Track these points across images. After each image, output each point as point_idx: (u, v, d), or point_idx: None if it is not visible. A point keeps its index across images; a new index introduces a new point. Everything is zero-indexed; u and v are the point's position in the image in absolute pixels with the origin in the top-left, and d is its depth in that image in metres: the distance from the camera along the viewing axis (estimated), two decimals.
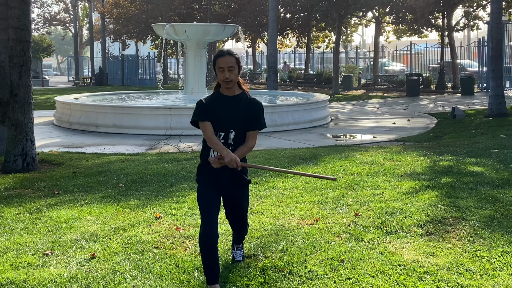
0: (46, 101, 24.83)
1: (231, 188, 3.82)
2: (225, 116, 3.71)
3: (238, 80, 3.76)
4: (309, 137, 13.00)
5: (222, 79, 3.68)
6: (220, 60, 3.66)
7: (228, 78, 3.66)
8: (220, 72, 3.67)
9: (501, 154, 8.43)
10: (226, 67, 3.64)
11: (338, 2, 28.72)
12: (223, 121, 3.71)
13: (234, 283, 3.83)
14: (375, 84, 32.94)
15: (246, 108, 3.75)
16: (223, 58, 3.66)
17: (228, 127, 3.72)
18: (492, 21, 16.36)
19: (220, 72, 3.67)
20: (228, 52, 3.70)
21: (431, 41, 40.56)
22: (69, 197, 6.37)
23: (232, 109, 3.73)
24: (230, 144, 3.73)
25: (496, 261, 4.09)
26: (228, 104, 3.74)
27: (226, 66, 3.64)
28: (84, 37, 64.05)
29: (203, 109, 3.73)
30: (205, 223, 3.64)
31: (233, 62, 3.66)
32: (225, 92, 3.76)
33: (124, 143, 12.31)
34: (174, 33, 17.37)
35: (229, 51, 3.72)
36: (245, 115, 3.74)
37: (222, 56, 3.66)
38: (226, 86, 3.71)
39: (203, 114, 3.72)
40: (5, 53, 8.71)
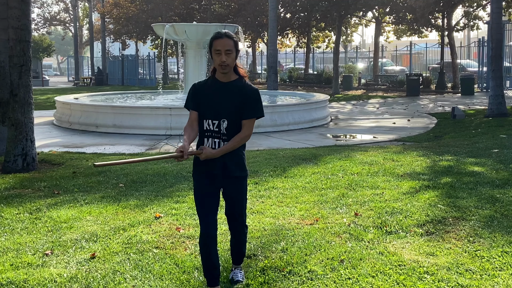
0: (46, 101, 24.83)
1: (225, 180, 3.58)
2: (217, 104, 3.48)
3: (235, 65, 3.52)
4: (309, 137, 13.00)
5: (219, 63, 3.43)
6: (217, 42, 3.41)
7: (224, 62, 3.41)
8: (216, 55, 3.43)
9: (501, 154, 8.43)
10: (224, 50, 3.39)
11: (338, 2, 28.72)
12: (214, 110, 3.48)
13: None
14: (375, 84, 32.94)
15: (239, 95, 3.49)
16: (220, 40, 3.40)
17: (220, 116, 3.48)
18: (492, 21, 16.35)
19: (216, 55, 3.42)
20: (226, 34, 3.43)
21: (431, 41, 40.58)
22: (69, 197, 6.37)
23: (225, 96, 3.48)
24: (223, 134, 3.49)
25: (496, 261, 4.09)
26: (221, 91, 3.50)
27: (223, 49, 3.39)
28: (84, 37, 64.05)
29: (192, 96, 3.57)
30: (204, 223, 3.52)
31: (231, 45, 3.41)
32: (221, 77, 3.52)
33: (124, 143, 12.31)
34: (174, 33, 17.37)
35: (228, 33, 3.46)
36: (238, 103, 3.48)
37: (220, 38, 3.41)
38: (222, 71, 3.46)
39: (190, 101, 3.57)
40: (5, 53, 8.71)
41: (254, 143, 11.66)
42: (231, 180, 3.58)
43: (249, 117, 3.51)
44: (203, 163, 3.51)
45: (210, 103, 3.50)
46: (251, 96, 3.52)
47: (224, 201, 3.72)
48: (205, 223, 3.51)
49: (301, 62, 46.84)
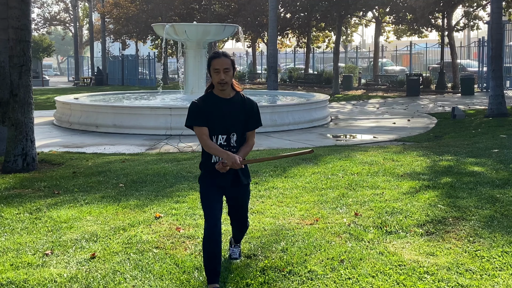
0: (46, 101, 24.83)
1: (233, 189, 3.85)
2: (225, 120, 3.72)
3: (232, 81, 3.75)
4: (309, 137, 13.00)
5: (217, 81, 3.66)
6: (215, 61, 3.65)
7: (223, 80, 3.65)
8: (215, 74, 3.66)
9: (501, 154, 8.43)
10: (222, 69, 3.64)
11: (338, 2, 28.72)
12: (223, 125, 3.72)
13: (234, 283, 3.83)
14: (375, 84, 32.94)
15: (244, 110, 3.78)
16: (218, 59, 3.65)
17: (229, 130, 3.74)
18: (492, 21, 16.36)
19: (215, 73, 3.66)
20: (223, 54, 3.70)
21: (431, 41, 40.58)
22: (69, 197, 6.37)
23: (231, 112, 3.73)
24: (233, 146, 3.76)
25: (496, 261, 4.09)
26: (227, 107, 3.73)
27: (221, 68, 3.64)
28: (84, 37, 64.05)
29: (198, 113, 3.71)
30: (209, 223, 3.67)
31: (229, 64, 3.66)
32: (220, 94, 3.74)
33: (124, 143, 12.31)
34: (174, 33, 17.37)
35: (224, 53, 3.72)
36: (244, 117, 3.78)
37: (218, 58, 3.66)
38: (221, 88, 3.70)
39: (198, 118, 3.71)
40: (5, 53, 8.71)
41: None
42: (239, 188, 3.88)
43: (253, 128, 3.85)
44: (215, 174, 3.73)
45: (219, 119, 3.72)
46: (254, 109, 3.84)
47: (228, 204, 4.01)
48: (211, 225, 3.67)
49: (301, 62, 46.83)
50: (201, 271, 4.01)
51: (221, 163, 3.63)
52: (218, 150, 3.64)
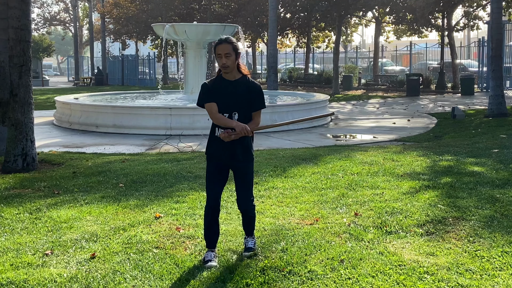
0: (46, 101, 24.83)
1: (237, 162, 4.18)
2: (228, 99, 4.09)
3: (238, 64, 4.10)
4: (309, 137, 13.00)
5: (220, 65, 4.04)
6: (217, 47, 4.03)
7: (225, 64, 4.02)
8: (218, 58, 4.04)
9: (501, 154, 8.43)
10: (223, 54, 4.00)
11: (338, 2, 28.72)
12: (226, 103, 4.09)
13: (234, 283, 3.83)
14: (375, 84, 32.94)
15: (247, 91, 4.13)
16: (220, 45, 4.02)
17: (231, 109, 4.10)
18: (492, 21, 16.36)
19: (218, 58, 4.03)
20: (225, 40, 4.04)
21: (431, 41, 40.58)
22: (69, 197, 6.37)
23: (234, 92, 4.10)
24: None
25: (496, 261, 4.09)
26: (231, 88, 4.10)
27: (223, 53, 4.00)
28: (84, 37, 64.04)
29: (208, 92, 4.13)
30: (209, 197, 4.18)
31: (229, 49, 4.00)
32: (226, 76, 4.13)
33: (124, 143, 12.31)
34: (174, 33, 17.37)
35: (227, 38, 4.06)
36: (247, 97, 4.13)
37: (220, 44, 4.03)
38: (224, 71, 4.08)
39: (208, 96, 4.11)
40: (5, 53, 8.71)
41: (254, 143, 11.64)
42: (239, 163, 4.20)
43: (258, 108, 4.19)
44: (216, 149, 4.16)
45: (223, 98, 4.11)
46: (256, 91, 4.18)
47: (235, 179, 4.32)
48: (209, 197, 4.19)
49: (301, 62, 46.83)
50: (201, 271, 4.02)
51: (226, 132, 4.01)
52: (226, 120, 4.05)
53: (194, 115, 13.86)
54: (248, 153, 4.22)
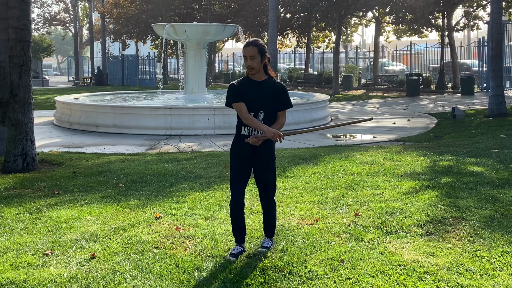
0: (46, 101, 24.83)
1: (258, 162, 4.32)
2: (254, 99, 4.22)
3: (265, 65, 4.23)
4: (309, 137, 12.99)
5: (246, 66, 4.21)
6: (243, 50, 4.20)
7: (250, 66, 4.19)
8: (245, 60, 4.21)
9: (501, 154, 8.43)
10: (248, 56, 4.17)
11: (338, 2, 28.71)
12: (252, 103, 4.21)
13: (234, 283, 3.83)
14: (375, 84, 32.93)
15: (273, 91, 4.26)
16: (246, 48, 4.19)
17: (258, 108, 4.23)
18: (492, 21, 16.36)
19: (245, 59, 4.21)
20: (251, 43, 4.21)
21: (431, 41, 40.56)
22: (69, 197, 6.37)
23: (260, 92, 4.23)
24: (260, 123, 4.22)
25: (496, 261, 4.09)
26: (257, 88, 4.25)
27: (248, 55, 4.17)
28: (84, 37, 64.02)
29: (235, 92, 4.25)
30: (234, 194, 4.30)
31: (255, 51, 4.15)
32: (253, 77, 4.27)
33: (124, 143, 12.31)
34: (174, 33, 17.36)
35: (254, 41, 4.22)
36: (272, 97, 4.25)
37: (245, 47, 4.20)
38: (249, 72, 4.24)
39: (236, 96, 4.24)
40: (5, 53, 8.71)
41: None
42: (262, 162, 4.33)
43: (283, 108, 4.32)
44: (239, 147, 4.28)
45: (249, 97, 4.23)
46: (283, 91, 4.31)
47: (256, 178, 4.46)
48: (236, 195, 4.30)
49: (301, 62, 46.82)
50: (201, 271, 4.02)
51: (255, 137, 4.14)
52: (257, 123, 4.16)
53: (194, 115, 13.87)
54: (271, 152, 4.36)
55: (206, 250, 4.42)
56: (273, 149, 4.40)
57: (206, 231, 4.89)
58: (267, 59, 4.23)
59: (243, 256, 4.29)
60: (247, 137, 4.21)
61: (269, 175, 4.41)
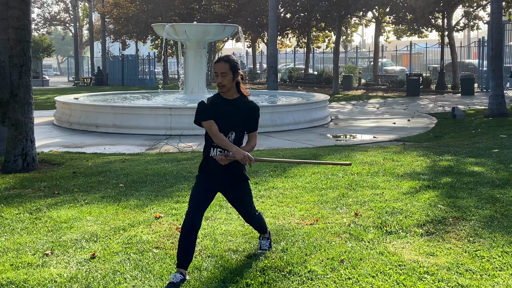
0: (46, 101, 24.83)
1: (231, 187, 4.11)
2: (226, 118, 3.94)
3: (238, 83, 3.98)
4: (309, 137, 13.00)
5: (217, 83, 3.95)
6: (215, 65, 3.94)
7: (220, 83, 3.92)
8: (216, 77, 3.94)
9: (501, 154, 8.43)
10: (219, 73, 3.90)
11: (338, 2, 28.71)
12: (224, 123, 3.94)
13: (234, 283, 3.83)
14: (375, 84, 32.93)
15: (246, 112, 4.02)
16: (217, 64, 3.92)
17: (229, 129, 3.96)
18: (492, 21, 16.36)
19: (216, 76, 3.95)
20: (223, 59, 3.95)
21: (431, 41, 40.55)
22: (69, 197, 6.37)
23: (233, 112, 3.97)
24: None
25: (496, 261, 4.09)
26: (229, 107, 3.97)
27: (219, 72, 3.90)
28: (84, 37, 64.03)
29: (206, 109, 3.96)
30: (190, 212, 3.89)
31: (226, 68, 3.89)
32: (224, 95, 4.00)
33: (124, 143, 12.31)
34: (174, 33, 17.37)
35: (226, 57, 3.97)
36: (245, 118, 4.02)
37: (217, 62, 3.93)
38: (220, 90, 3.98)
39: (207, 113, 3.95)
40: (5, 53, 8.71)
41: None
42: (236, 186, 4.11)
43: (255, 129, 4.09)
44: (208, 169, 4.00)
45: (221, 117, 3.95)
46: (256, 112, 4.07)
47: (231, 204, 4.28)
48: (193, 214, 3.89)
49: (301, 62, 46.83)
50: (201, 271, 4.01)
51: (223, 155, 3.87)
52: (227, 143, 3.89)
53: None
54: (241, 174, 4.08)
55: (206, 250, 4.42)
56: (244, 170, 4.10)
57: (206, 231, 4.89)
58: (240, 76, 3.95)
59: (243, 256, 4.29)
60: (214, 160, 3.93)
61: (244, 197, 4.18)
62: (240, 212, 4.32)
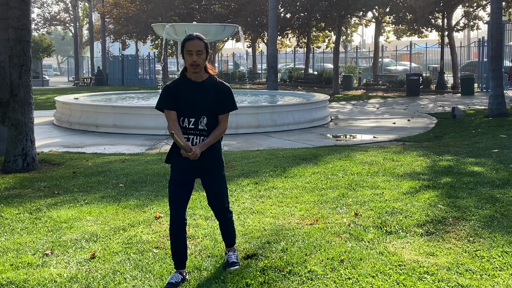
0: (46, 101, 24.83)
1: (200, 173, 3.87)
2: (195, 103, 3.75)
3: (205, 64, 3.78)
4: (309, 137, 12.99)
5: (190, 63, 3.70)
6: (188, 43, 3.69)
7: (195, 62, 3.69)
8: (188, 56, 3.70)
9: (501, 154, 8.43)
10: (195, 51, 3.68)
11: (338, 2, 28.71)
12: (193, 108, 3.75)
13: (234, 283, 3.83)
14: (375, 84, 32.93)
15: (215, 93, 3.79)
16: (192, 41, 3.69)
17: (199, 114, 3.75)
18: (492, 21, 16.36)
19: (188, 55, 3.70)
20: (197, 36, 3.72)
21: (431, 41, 40.55)
22: (69, 197, 6.37)
23: (201, 95, 3.76)
24: (203, 130, 3.78)
25: (496, 261, 4.09)
26: (197, 90, 3.77)
27: (194, 50, 3.68)
28: (84, 37, 64.04)
29: (169, 96, 3.77)
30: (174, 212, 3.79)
31: (202, 46, 3.69)
32: (192, 77, 3.78)
33: (124, 143, 12.31)
34: (174, 33, 17.38)
35: (198, 35, 3.73)
36: (215, 100, 3.78)
37: (191, 40, 3.69)
38: (193, 71, 3.73)
39: (168, 102, 3.75)
40: (5, 53, 8.71)
41: (254, 143, 11.66)
42: (208, 172, 3.88)
43: (226, 111, 3.83)
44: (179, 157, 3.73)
45: (189, 102, 3.74)
46: (226, 92, 3.83)
47: (206, 193, 4.02)
48: (175, 212, 3.79)
49: (301, 62, 46.83)
50: (201, 271, 4.01)
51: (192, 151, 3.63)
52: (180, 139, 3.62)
53: None
54: (217, 159, 3.88)
55: (206, 250, 4.42)
56: (220, 155, 3.90)
57: (206, 231, 4.89)
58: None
59: (240, 257, 4.29)
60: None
61: (221, 185, 3.93)
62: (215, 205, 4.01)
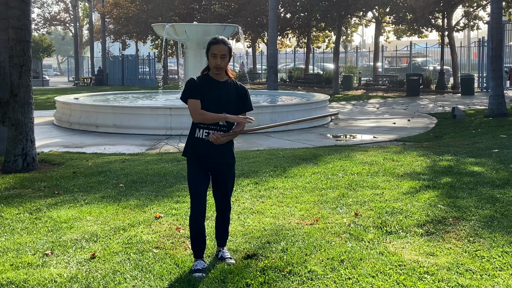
0: (46, 101, 24.83)
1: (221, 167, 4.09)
2: (217, 99, 3.99)
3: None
4: (309, 137, 13.00)
5: (214, 65, 3.97)
6: (214, 47, 3.95)
7: (219, 65, 3.96)
8: (212, 58, 3.97)
9: (501, 154, 8.43)
10: (219, 54, 3.94)
11: (338, 2, 28.71)
12: (215, 104, 3.98)
13: (234, 283, 3.83)
14: (375, 84, 32.93)
15: (235, 93, 4.08)
16: (217, 45, 3.95)
17: (221, 109, 3.98)
18: (492, 21, 16.36)
19: (213, 58, 3.96)
20: (222, 41, 3.98)
21: (431, 41, 40.55)
22: (69, 197, 6.37)
23: (223, 93, 4.02)
24: (223, 125, 4.02)
25: (496, 261, 4.09)
26: (220, 88, 4.02)
27: (219, 53, 3.94)
28: (84, 37, 64.03)
29: (194, 88, 3.99)
30: (196, 203, 4.03)
31: (226, 50, 3.96)
32: (215, 77, 4.04)
33: (124, 143, 12.31)
34: (174, 33, 17.38)
35: (224, 39, 4.00)
36: (235, 99, 4.07)
37: (217, 44, 3.95)
38: (216, 72, 4.01)
39: (195, 92, 3.98)
40: (5, 53, 8.71)
41: (254, 143, 11.66)
42: (222, 166, 4.10)
43: (245, 111, 4.14)
44: (196, 149, 4.02)
45: (213, 97, 3.99)
46: (245, 94, 4.14)
47: (213, 185, 4.20)
48: (196, 202, 4.03)
49: (301, 62, 46.82)
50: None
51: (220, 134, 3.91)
52: (215, 115, 3.91)
53: None
54: (232, 154, 4.13)
55: (206, 250, 4.42)
56: (233, 151, 4.15)
57: (206, 231, 4.88)
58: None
59: (240, 257, 4.29)
60: (203, 140, 3.97)
61: (231, 180, 4.19)
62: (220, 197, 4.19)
